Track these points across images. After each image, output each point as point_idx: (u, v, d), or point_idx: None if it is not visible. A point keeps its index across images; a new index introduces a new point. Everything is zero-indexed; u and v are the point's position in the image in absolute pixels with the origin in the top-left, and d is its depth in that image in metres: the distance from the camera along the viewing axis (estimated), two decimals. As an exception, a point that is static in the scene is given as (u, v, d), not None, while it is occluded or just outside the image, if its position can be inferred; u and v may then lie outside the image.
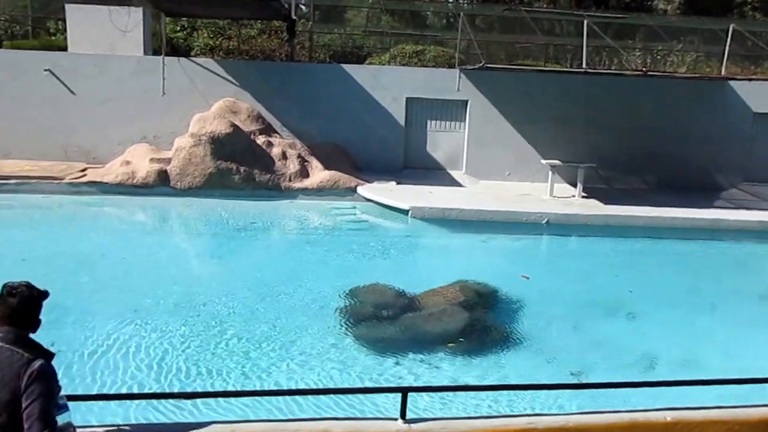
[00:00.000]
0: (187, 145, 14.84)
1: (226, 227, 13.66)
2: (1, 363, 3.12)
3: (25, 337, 3.28)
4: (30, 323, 3.33)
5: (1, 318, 3.27)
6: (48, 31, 23.03)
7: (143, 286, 9.92)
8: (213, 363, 7.48)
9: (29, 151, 16.01)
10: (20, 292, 3.28)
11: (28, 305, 3.30)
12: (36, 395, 3.02)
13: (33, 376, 3.05)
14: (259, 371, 7.32)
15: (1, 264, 11.59)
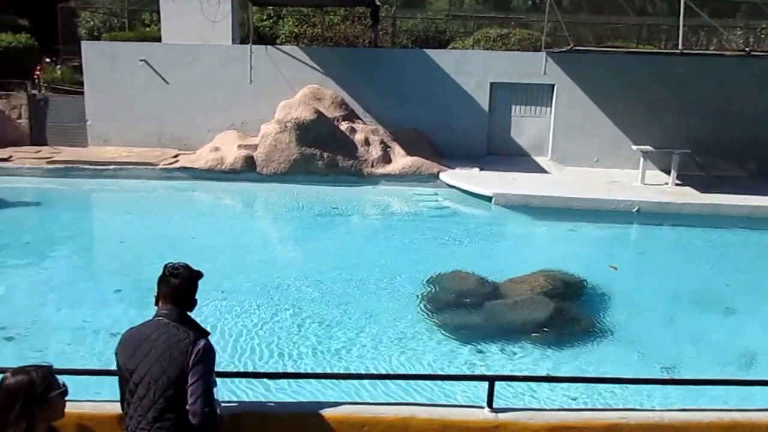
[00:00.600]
0: (272, 132, 15.15)
1: (309, 212, 13.88)
2: (168, 340, 3.25)
3: (186, 316, 3.41)
4: (189, 302, 3.45)
5: (163, 297, 3.42)
6: (143, 22, 24.00)
7: (230, 268, 10.21)
8: (293, 345, 7.61)
9: (126, 138, 16.75)
10: (181, 272, 3.40)
11: (188, 285, 3.42)
12: (200, 373, 3.14)
13: (199, 354, 3.17)
14: (339, 355, 7.40)
15: (102, 245, 12.29)
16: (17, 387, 2.59)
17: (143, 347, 3.29)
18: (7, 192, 14.27)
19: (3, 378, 2.62)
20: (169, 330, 3.29)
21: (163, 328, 3.31)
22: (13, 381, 2.61)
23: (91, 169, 15.15)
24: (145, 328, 3.40)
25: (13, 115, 17.01)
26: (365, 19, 20.08)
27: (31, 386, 2.61)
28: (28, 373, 2.63)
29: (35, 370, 2.67)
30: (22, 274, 9.87)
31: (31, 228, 12.63)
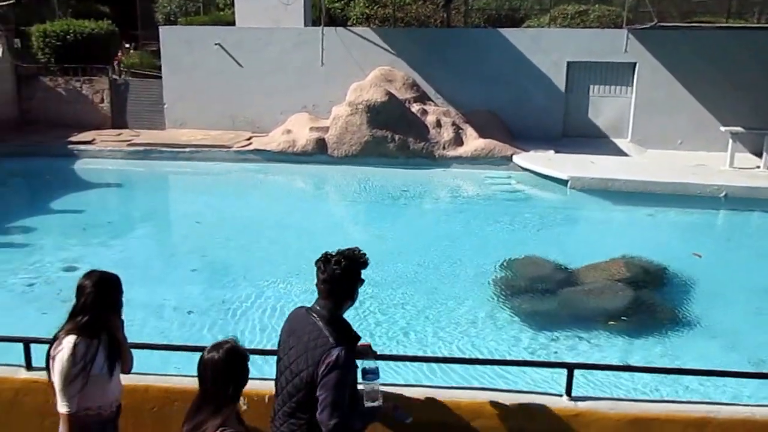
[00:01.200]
0: (344, 114, 15.14)
1: (380, 195, 13.85)
2: (308, 343, 3.07)
3: (338, 316, 3.17)
4: (343, 298, 3.20)
5: (318, 290, 3.20)
6: (218, 6, 24.41)
7: (302, 250, 10.28)
8: (362, 328, 7.59)
9: (201, 121, 17.10)
10: (338, 261, 3.15)
11: (341, 279, 3.15)
12: (330, 386, 2.95)
13: (329, 365, 2.95)
14: (409, 339, 7.36)
15: (179, 226, 12.62)
16: (231, 356, 2.66)
17: (292, 339, 3.18)
18: (90, 173, 14.87)
19: (210, 355, 2.68)
20: (314, 330, 3.09)
21: (310, 327, 3.12)
22: (227, 352, 2.67)
23: (169, 151, 15.55)
24: (300, 317, 3.23)
25: (96, 99, 17.63)
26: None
27: (243, 356, 2.71)
28: (233, 344, 2.71)
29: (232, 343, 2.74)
30: (104, 253, 10.22)
31: (112, 208, 13.11)
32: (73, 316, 3.20)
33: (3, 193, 14.25)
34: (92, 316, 3.14)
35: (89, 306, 3.16)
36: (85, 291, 3.20)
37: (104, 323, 3.20)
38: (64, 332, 3.16)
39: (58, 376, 3.07)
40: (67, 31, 18.13)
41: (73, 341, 3.09)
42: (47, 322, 7.77)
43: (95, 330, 3.15)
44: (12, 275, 9.11)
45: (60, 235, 11.05)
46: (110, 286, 3.25)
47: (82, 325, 3.13)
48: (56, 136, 16.32)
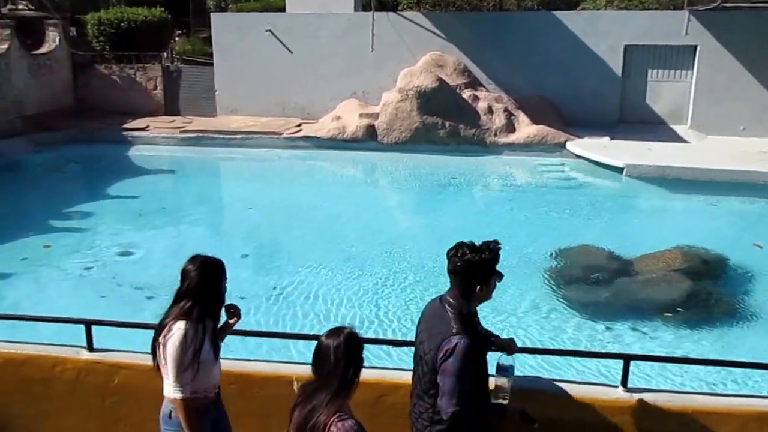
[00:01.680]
0: (394, 101, 15.04)
1: (430, 182, 13.75)
2: (432, 329, 3.10)
3: (465, 306, 3.11)
4: (473, 290, 3.10)
5: (449, 280, 3.19)
6: (268, -8, 24.50)
7: (353, 237, 10.31)
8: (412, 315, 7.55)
9: (252, 108, 17.23)
10: (463, 253, 3.09)
11: (471, 270, 3.07)
12: (448, 373, 2.94)
13: (447, 352, 2.95)
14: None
15: (231, 212, 12.79)
16: (350, 342, 2.70)
17: (423, 324, 3.23)
18: (144, 160, 15.16)
19: (329, 341, 2.71)
20: (440, 317, 3.10)
21: (439, 313, 3.13)
22: (346, 337, 2.71)
23: (220, 138, 15.73)
24: (433, 304, 3.25)
25: (150, 87, 17.94)
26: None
27: (360, 343, 2.75)
28: (352, 331, 2.76)
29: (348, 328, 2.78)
30: (158, 238, 10.43)
31: (166, 194, 13.35)
32: (178, 300, 3.21)
33: (61, 179, 14.67)
34: (196, 301, 3.15)
35: (192, 291, 3.16)
36: (189, 275, 3.19)
37: (208, 308, 3.20)
38: (171, 319, 3.17)
39: (170, 362, 3.09)
40: (121, 18, 18.46)
41: (183, 327, 3.10)
42: (104, 304, 8.01)
43: (201, 315, 3.15)
44: (71, 259, 9.37)
45: (115, 220, 11.31)
46: (213, 271, 3.24)
47: (188, 310, 3.13)
48: (111, 123, 16.68)
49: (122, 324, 4.23)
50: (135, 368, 3.92)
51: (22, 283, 8.67)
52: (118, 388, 3.92)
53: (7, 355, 3.99)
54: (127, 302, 8.09)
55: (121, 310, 7.87)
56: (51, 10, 19.55)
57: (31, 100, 16.09)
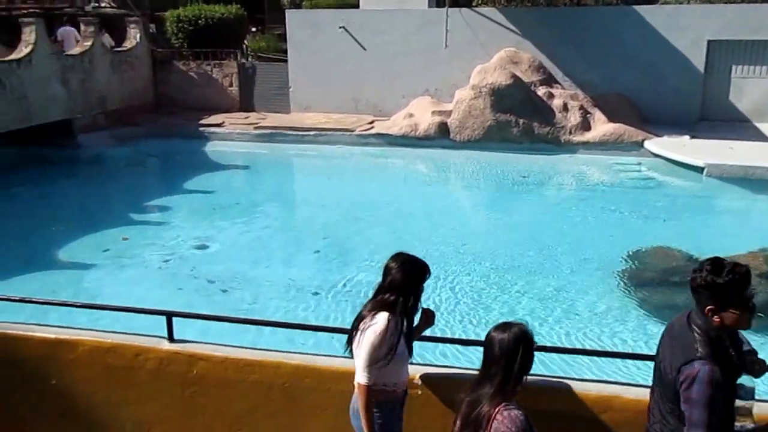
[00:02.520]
0: (467, 98, 14.88)
1: (503, 181, 13.56)
2: (674, 347, 2.86)
3: (709, 330, 2.77)
4: (717, 309, 2.76)
5: None
6: (342, -11, 24.67)
7: (424, 234, 10.27)
8: (480, 315, 7.52)
9: (325, 105, 17.37)
10: (701, 270, 2.77)
11: (714, 289, 2.73)
12: (693, 402, 2.69)
13: (689, 378, 2.69)
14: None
15: (304, 208, 12.96)
16: (517, 338, 2.74)
17: (666, 339, 2.98)
18: (220, 155, 15.52)
19: (497, 334, 2.77)
20: (685, 337, 2.82)
21: (684, 332, 2.84)
22: (516, 333, 2.75)
23: (293, 134, 15.93)
24: (680, 321, 2.93)
25: (225, 83, 18.33)
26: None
27: (530, 340, 2.78)
28: (523, 327, 2.79)
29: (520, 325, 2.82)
30: (233, 232, 10.66)
31: (240, 189, 13.63)
32: (378, 294, 3.31)
33: (141, 173, 15.21)
34: (398, 296, 3.24)
35: (393, 286, 3.25)
36: (391, 272, 3.29)
37: (407, 305, 3.28)
38: (369, 309, 3.28)
39: (366, 348, 3.18)
40: (198, 16, 18.91)
41: (386, 317, 3.19)
42: (182, 296, 8.24)
43: (402, 310, 3.25)
44: (150, 251, 9.69)
45: (192, 214, 11.62)
46: (414, 270, 3.31)
47: (392, 303, 3.23)
48: (188, 118, 17.12)
49: (202, 316, 4.33)
50: (213, 360, 4.00)
51: (104, 274, 9.03)
52: (197, 378, 4.00)
53: (94, 342, 4.12)
54: (202, 294, 8.30)
55: (196, 301, 8.09)
56: (132, 7, 20.26)
57: (113, 96, 16.71)
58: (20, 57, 13.87)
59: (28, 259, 9.45)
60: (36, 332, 4.23)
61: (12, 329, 4.28)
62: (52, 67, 14.61)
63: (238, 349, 4.07)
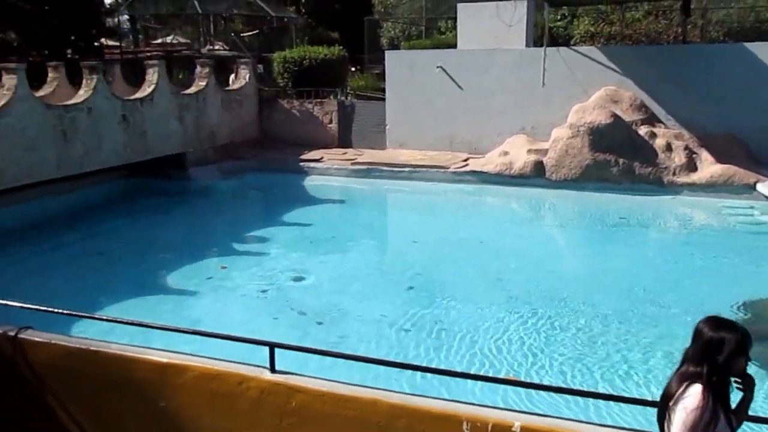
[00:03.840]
0: (564, 137, 14.67)
1: (600, 222, 13.19)
2: None
3: None
4: None
5: None
6: (439, 30, 25.08)
7: (517, 275, 10.11)
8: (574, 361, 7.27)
9: (420, 142, 17.58)
10: None
11: None
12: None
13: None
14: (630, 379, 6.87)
15: (397, 243, 13.06)
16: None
17: None
18: (318, 189, 15.96)
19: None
20: None
21: None
22: None
23: (388, 170, 16.18)
24: None
25: (326, 120, 18.93)
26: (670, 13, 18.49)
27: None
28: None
29: None
30: (328, 266, 10.86)
31: (336, 223, 13.92)
32: (688, 361, 2.92)
33: (244, 204, 15.86)
34: (712, 367, 2.83)
35: (705, 355, 2.85)
36: (703, 337, 2.87)
37: (721, 375, 2.86)
38: (677, 381, 2.91)
39: (680, 428, 2.82)
40: (303, 57, 19.70)
41: (700, 391, 2.81)
42: (278, 326, 8.46)
43: (717, 383, 2.84)
44: (249, 280, 10.02)
45: (290, 245, 11.95)
46: (731, 336, 2.84)
47: (701, 374, 2.83)
48: (290, 153, 17.78)
49: (304, 349, 4.40)
50: (311, 393, 4.06)
51: (206, 301, 9.41)
52: (295, 410, 4.06)
53: (201, 368, 4.29)
54: (297, 326, 8.48)
55: (291, 332, 8.28)
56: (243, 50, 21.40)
57: (222, 132, 17.60)
58: (144, 96, 14.92)
59: (139, 283, 10.00)
60: (149, 355, 4.44)
61: (128, 351, 4.52)
62: (170, 105, 15.62)
63: (337, 383, 4.10)
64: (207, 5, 26.05)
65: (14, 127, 11.90)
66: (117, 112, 14.16)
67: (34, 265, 11.16)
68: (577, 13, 20.42)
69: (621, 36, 18.57)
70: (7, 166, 11.79)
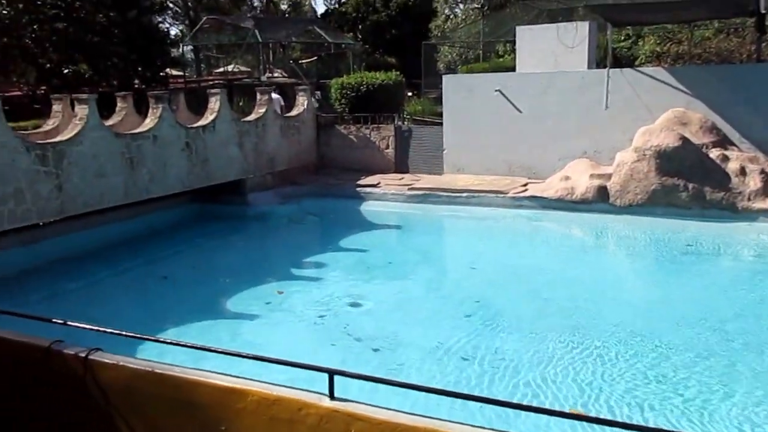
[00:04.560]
0: (629, 160, 14.21)
1: (668, 250, 12.65)
2: None
3: None
4: None
5: None
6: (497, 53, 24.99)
7: (581, 304, 9.76)
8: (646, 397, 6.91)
9: (478, 167, 17.35)
10: None
11: None
12: None
13: None
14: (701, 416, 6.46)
15: (455, 270, 12.84)
16: None
17: None
18: (374, 215, 15.90)
19: None
20: None
21: None
22: None
23: (446, 195, 16.00)
24: None
25: (382, 145, 18.93)
26: (743, 30, 17.85)
27: None
28: None
29: None
30: (385, 292, 10.73)
31: (393, 249, 13.80)
32: None
33: (302, 229, 15.93)
34: None
35: None
36: None
37: None
38: None
39: None
40: (360, 83, 19.83)
41: None
42: (335, 352, 8.35)
43: None
44: (307, 306, 9.98)
45: (347, 271, 11.89)
46: None
47: None
48: (347, 179, 17.83)
49: (363, 377, 4.27)
50: (370, 421, 3.91)
51: (264, 326, 9.40)
52: (354, 439, 3.93)
53: (261, 393, 4.20)
54: (354, 352, 8.37)
55: (348, 358, 8.18)
56: (302, 76, 21.74)
57: (280, 158, 17.80)
58: (206, 123, 15.25)
59: (200, 307, 10.09)
60: (211, 379, 4.40)
61: (191, 374, 4.49)
62: (231, 132, 15.88)
63: (396, 412, 3.96)
64: (267, 34, 26.69)
65: (85, 155, 12.28)
66: (181, 139, 14.48)
67: (103, 288, 11.45)
68: (642, 32, 19.95)
69: (689, 55, 18.02)
70: (79, 192, 12.15)
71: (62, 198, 11.83)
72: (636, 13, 15.26)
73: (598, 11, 17.19)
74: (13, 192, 10.96)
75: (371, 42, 35.43)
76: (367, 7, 36.76)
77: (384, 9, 36.12)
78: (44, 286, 11.09)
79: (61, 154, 11.82)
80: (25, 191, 11.17)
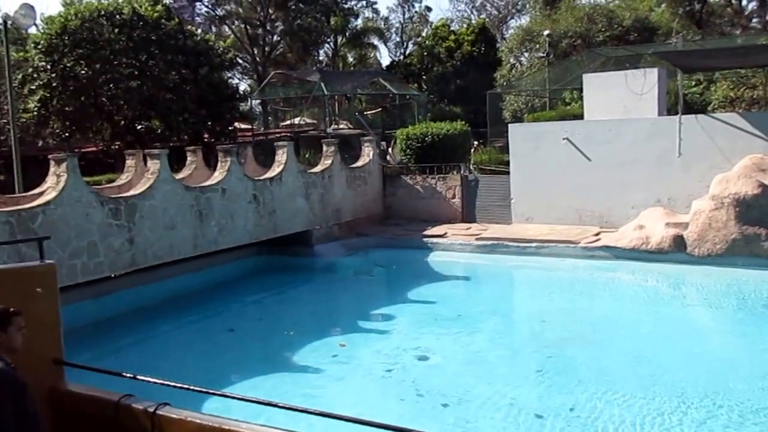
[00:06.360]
0: (706, 209, 13.64)
1: (751, 302, 11.98)
2: None
3: None
4: None
5: None
6: (564, 101, 24.74)
7: (657, 359, 9.32)
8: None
9: (547, 216, 17.00)
10: None
11: None
12: None
13: None
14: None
15: (525, 323, 12.50)
16: None
17: None
18: (442, 266, 15.71)
19: None
20: None
21: None
22: None
23: (515, 246, 15.68)
24: None
25: (449, 195, 18.85)
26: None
27: None
28: None
29: None
30: (454, 346, 10.50)
31: (461, 301, 13.55)
32: None
33: (368, 281, 15.87)
34: None
35: None
36: None
37: None
38: None
39: None
40: (425, 133, 19.92)
41: None
42: (404, 407, 8.17)
43: None
44: (374, 359, 9.86)
45: (414, 323, 11.73)
46: None
47: None
48: (413, 229, 17.76)
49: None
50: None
51: (331, 380, 9.31)
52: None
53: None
54: (424, 407, 8.18)
55: (417, 413, 7.99)
56: (367, 127, 22.05)
57: (346, 208, 17.94)
58: (273, 175, 15.57)
59: (266, 360, 10.13)
60: (275, 436, 4.33)
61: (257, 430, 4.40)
62: (297, 184, 16.16)
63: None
64: (332, 86, 27.30)
65: (157, 208, 12.67)
66: (248, 191, 14.79)
67: (171, 340, 11.66)
68: (713, 77, 19.41)
69: (765, 100, 17.37)
70: (150, 245, 12.50)
71: (133, 251, 12.20)
72: (707, 59, 14.85)
73: (668, 58, 16.85)
74: (87, 245, 11.36)
75: (436, 92, 35.77)
76: (431, 59, 37.25)
77: (449, 59, 36.51)
78: (115, 337, 11.37)
79: (133, 207, 12.24)
80: (98, 244, 11.55)
